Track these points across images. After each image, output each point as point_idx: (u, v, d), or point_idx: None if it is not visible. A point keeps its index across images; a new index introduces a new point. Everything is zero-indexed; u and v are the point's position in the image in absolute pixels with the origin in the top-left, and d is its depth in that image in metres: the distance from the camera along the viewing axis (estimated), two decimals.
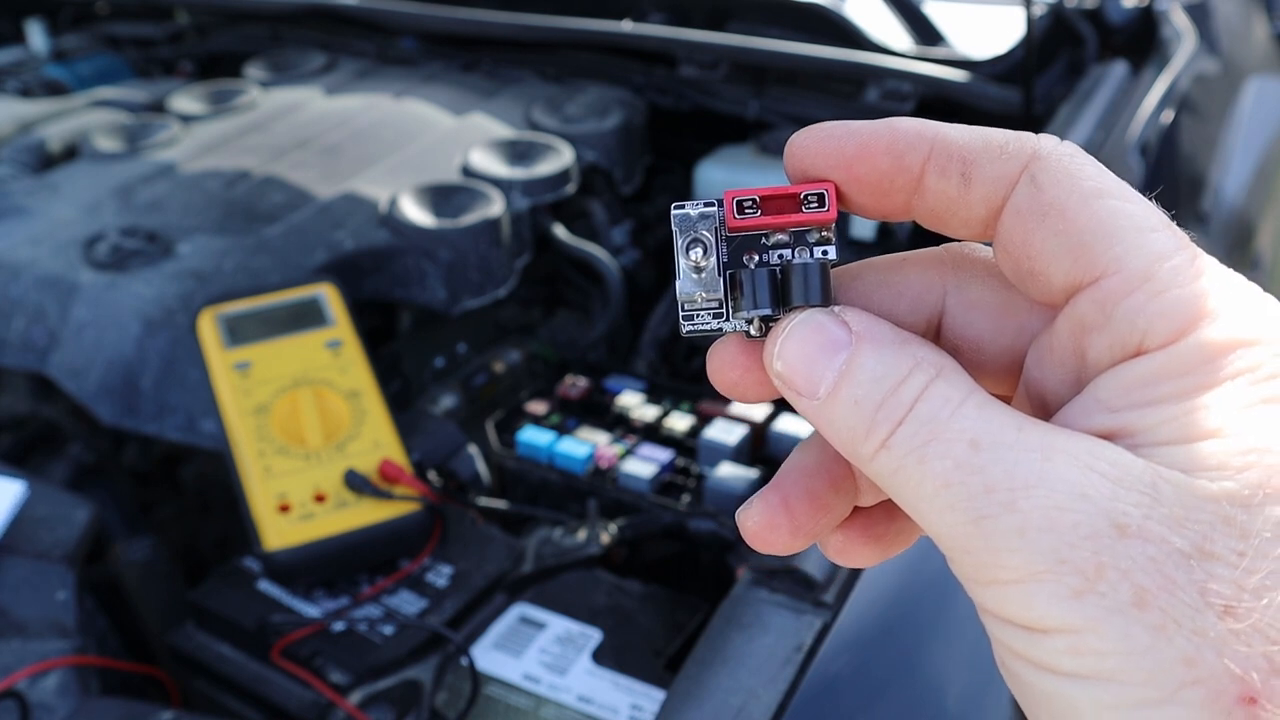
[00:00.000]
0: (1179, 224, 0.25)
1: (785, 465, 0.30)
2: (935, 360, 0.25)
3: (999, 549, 0.23)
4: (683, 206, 0.28)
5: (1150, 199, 0.25)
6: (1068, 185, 0.25)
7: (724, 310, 0.28)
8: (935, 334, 0.29)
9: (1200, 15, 1.40)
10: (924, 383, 0.25)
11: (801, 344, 0.26)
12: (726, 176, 1.33)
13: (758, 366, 0.28)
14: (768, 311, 0.28)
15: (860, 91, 1.39)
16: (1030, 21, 1.20)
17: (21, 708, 0.71)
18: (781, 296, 0.28)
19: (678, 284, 0.28)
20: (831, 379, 0.26)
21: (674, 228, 0.28)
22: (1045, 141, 0.26)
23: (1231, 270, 0.25)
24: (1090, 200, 0.25)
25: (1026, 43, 1.22)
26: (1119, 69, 1.24)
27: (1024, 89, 1.24)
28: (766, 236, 0.28)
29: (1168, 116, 1.17)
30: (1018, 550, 0.22)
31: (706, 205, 0.28)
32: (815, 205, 0.27)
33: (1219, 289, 0.24)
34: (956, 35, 1.93)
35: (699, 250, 0.28)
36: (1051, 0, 1.40)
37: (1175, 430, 0.23)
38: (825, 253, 0.28)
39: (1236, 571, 0.21)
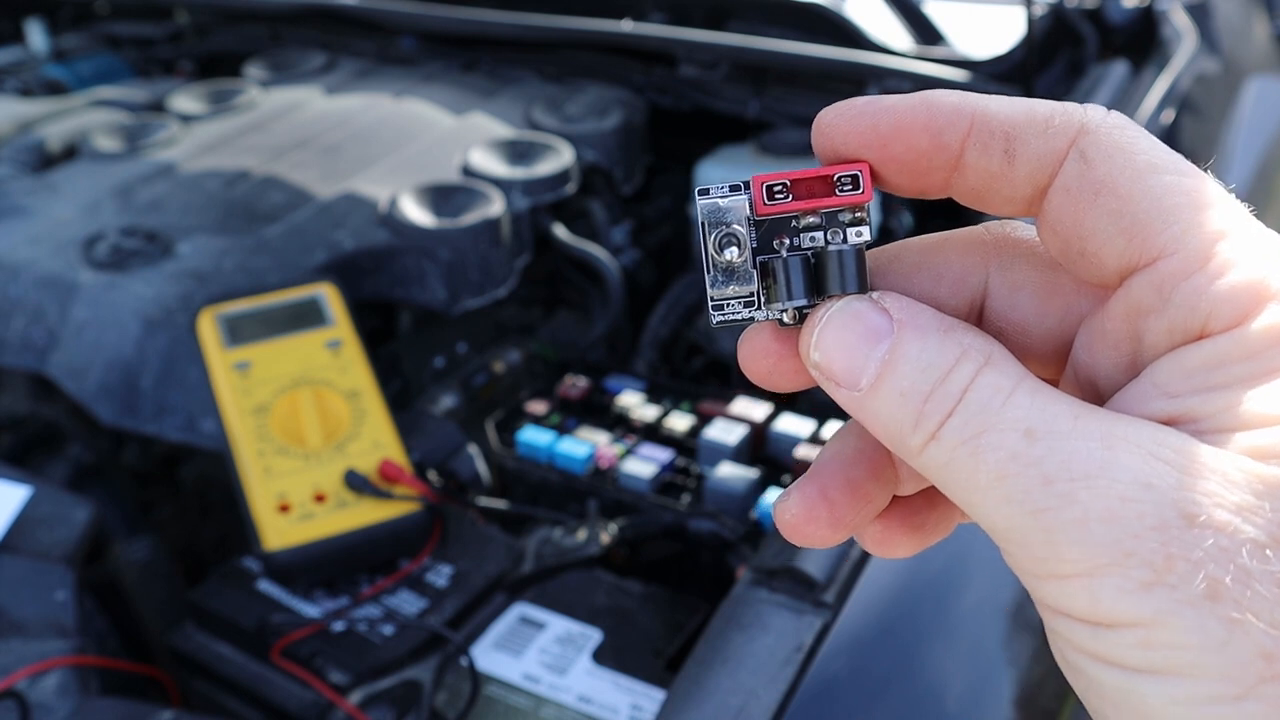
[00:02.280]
0: None
1: (822, 455, 0.29)
2: (983, 347, 0.24)
3: (1059, 542, 0.22)
4: (708, 193, 0.27)
5: (1205, 170, 0.24)
6: (1120, 161, 0.24)
7: (756, 299, 0.27)
8: (978, 317, 0.28)
9: (1201, 15, 1.40)
10: (973, 371, 0.24)
11: (840, 333, 0.25)
12: (727, 176, 1.33)
13: (792, 355, 0.27)
14: (803, 302, 0.27)
15: (860, 91, 1.38)
16: (1031, 21, 1.20)
17: (21, 708, 0.71)
18: (816, 284, 0.27)
19: (707, 278, 0.27)
20: (874, 369, 0.25)
21: (701, 219, 0.27)
22: (1093, 113, 0.25)
23: None
24: (1144, 176, 0.23)
25: (1027, 43, 1.22)
26: (1119, 69, 1.24)
27: (1024, 89, 1.24)
28: (797, 219, 0.27)
29: (1168, 116, 1.17)
30: (1079, 543, 0.21)
31: (734, 190, 0.27)
32: (849, 188, 0.26)
33: None
34: (957, 35, 1.93)
35: (734, 249, 0.27)
36: (1052, 0, 1.40)
37: (1242, 416, 0.22)
38: (860, 234, 0.27)
39: None
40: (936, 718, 0.62)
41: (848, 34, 1.54)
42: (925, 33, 1.91)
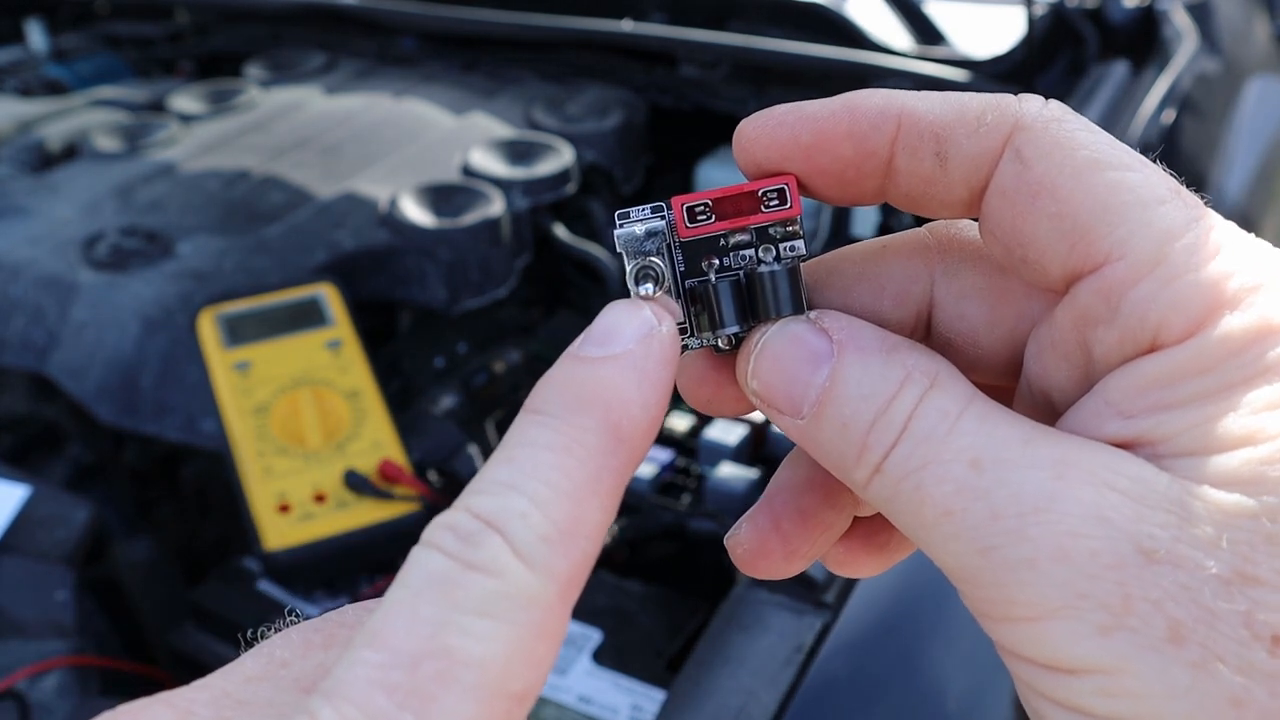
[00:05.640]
0: None
1: (773, 482, 0.27)
2: (928, 367, 0.22)
3: (1010, 583, 0.20)
4: (627, 217, 0.25)
5: (1154, 160, 0.22)
6: (1058, 158, 0.22)
7: (688, 326, 0.25)
8: (925, 328, 0.26)
9: (1201, 15, 1.40)
10: (917, 396, 0.22)
11: (777, 360, 0.24)
12: (727, 176, 1.33)
13: (731, 382, 0.26)
14: (735, 329, 0.25)
15: None
16: (1031, 21, 1.20)
17: (21, 708, 0.71)
18: (749, 308, 0.25)
19: None
20: (815, 396, 0.23)
21: (619, 250, 0.25)
22: (1029, 106, 0.23)
23: (1258, 239, 0.22)
24: (1085, 174, 0.22)
25: (1027, 42, 1.22)
26: (1120, 69, 1.24)
27: (1026, 89, 1.24)
28: (726, 237, 0.25)
29: (1169, 116, 1.17)
30: (1031, 584, 0.20)
31: (655, 213, 0.25)
32: (776, 203, 0.25)
33: (1242, 267, 0.21)
34: (957, 35, 1.93)
35: (649, 285, 0.25)
36: (1052, 0, 1.40)
37: (1201, 438, 0.20)
38: (793, 249, 0.25)
39: None
40: (936, 718, 0.62)
41: (848, 34, 1.54)
42: (925, 33, 1.91)
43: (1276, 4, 1.72)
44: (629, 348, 0.22)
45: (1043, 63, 1.35)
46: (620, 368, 0.21)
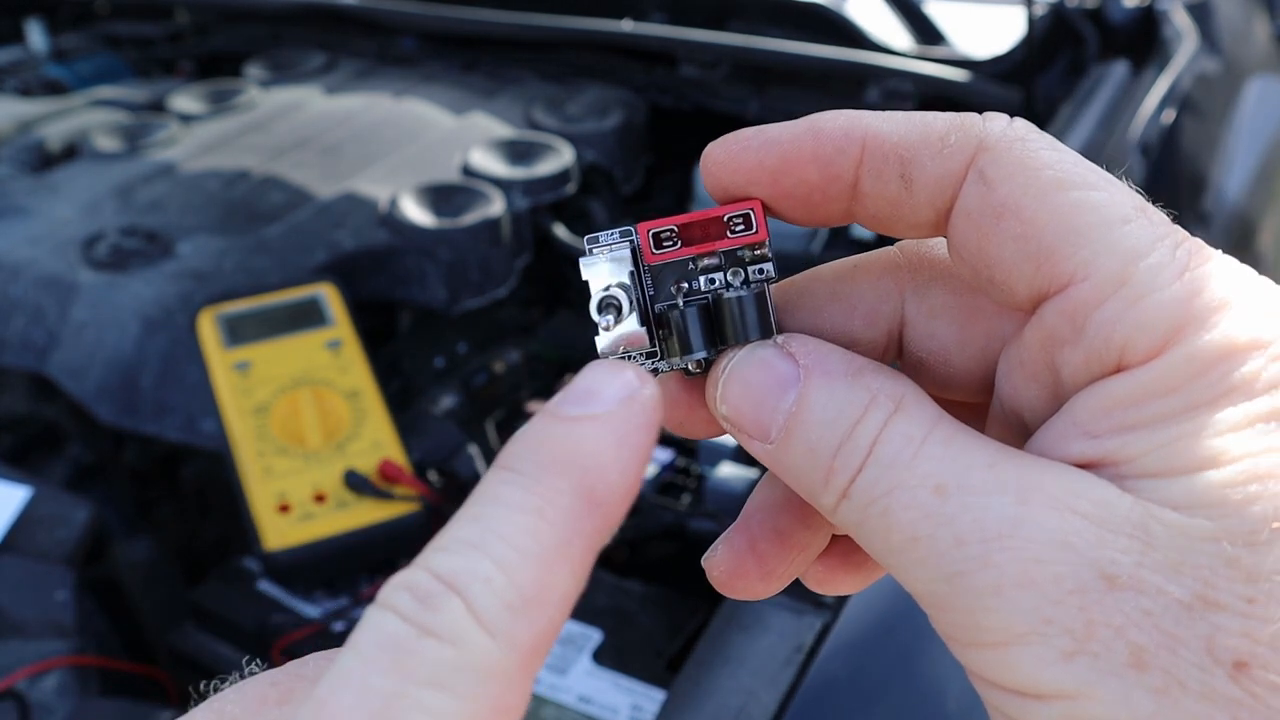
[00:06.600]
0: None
1: (749, 502, 0.27)
2: (893, 390, 0.22)
3: (976, 609, 0.20)
4: (596, 242, 0.25)
5: (1120, 177, 0.22)
6: (1022, 179, 0.22)
7: (657, 350, 0.25)
8: (897, 347, 0.26)
9: (1201, 15, 1.40)
10: (882, 420, 0.22)
11: (744, 385, 0.24)
12: None
13: (702, 405, 0.26)
14: (704, 355, 0.25)
15: (861, 91, 1.38)
16: (1031, 21, 1.20)
17: (21, 708, 0.71)
18: (717, 333, 0.25)
19: (596, 339, 0.25)
20: (782, 421, 0.23)
21: (585, 277, 0.25)
22: (993, 125, 0.23)
23: (1226, 256, 0.22)
24: (1049, 194, 0.22)
25: (1027, 42, 1.22)
26: (1120, 69, 1.24)
27: (1025, 89, 1.24)
28: (694, 261, 0.25)
29: (1169, 116, 1.17)
30: (996, 610, 0.20)
31: (623, 239, 0.25)
32: (742, 228, 0.25)
33: (1208, 285, 0.21)
34: (957, 35, 1.93)
35: (611, 315, 0.25)
36: (1052, 0, 1.40)
37: (1165, 459, 0.20)
38: (761, 271, 0.25)
39: (1248, 621, 0.19)
40: (936, 718, 0.62)
41: (848, 34, 1.54)
42: (925, 33, 1.91)
43: (1276, 4, 1.72)
44: (609, 409, 0.21)
45: (1043, 63, 1.35)
46: (599, 429, 0.20)
